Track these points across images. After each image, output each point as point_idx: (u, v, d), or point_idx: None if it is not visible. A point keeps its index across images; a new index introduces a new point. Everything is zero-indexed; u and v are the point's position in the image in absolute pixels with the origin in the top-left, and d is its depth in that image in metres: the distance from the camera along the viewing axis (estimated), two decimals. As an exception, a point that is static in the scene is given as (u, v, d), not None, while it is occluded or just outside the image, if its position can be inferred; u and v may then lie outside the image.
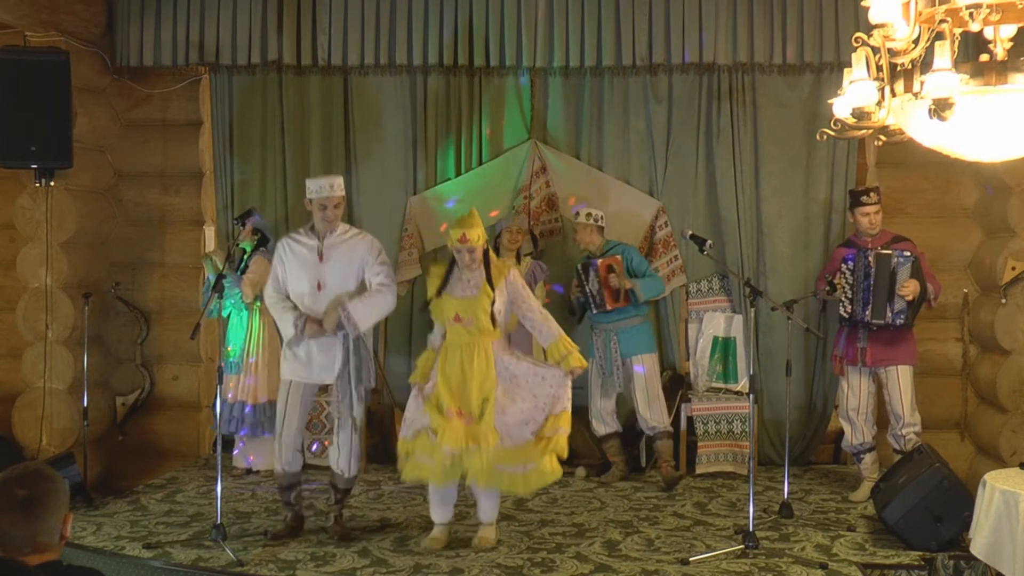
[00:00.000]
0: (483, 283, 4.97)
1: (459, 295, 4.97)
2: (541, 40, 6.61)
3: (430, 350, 5.16)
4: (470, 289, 4.97)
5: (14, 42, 6.41)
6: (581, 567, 4.74)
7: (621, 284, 6.21)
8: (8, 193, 6.68)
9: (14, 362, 6.69)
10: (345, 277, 5.10)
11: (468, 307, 4.93)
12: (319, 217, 5.11)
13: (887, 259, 5.68)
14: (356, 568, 4.73)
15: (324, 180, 5.17)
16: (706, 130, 6.89)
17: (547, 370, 4.99)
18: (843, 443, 6.11)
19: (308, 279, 5.10)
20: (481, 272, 5.00)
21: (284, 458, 5.21)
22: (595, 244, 6.35)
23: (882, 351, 5.78)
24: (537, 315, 5.07)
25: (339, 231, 5.17)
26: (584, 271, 6.29)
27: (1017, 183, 6.26)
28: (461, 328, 4.95)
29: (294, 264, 5.15)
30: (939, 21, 3.21)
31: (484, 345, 4.93)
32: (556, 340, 5.02)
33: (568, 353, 4.97)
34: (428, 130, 6.97)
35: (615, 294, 6.22)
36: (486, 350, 4.93)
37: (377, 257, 5.15)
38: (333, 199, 5.11)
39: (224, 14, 6.72)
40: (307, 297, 5.10)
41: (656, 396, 6.36)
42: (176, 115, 7.14)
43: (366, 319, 5.08)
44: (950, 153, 3.46)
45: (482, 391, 4.87)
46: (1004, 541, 3.98)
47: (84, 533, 5.31)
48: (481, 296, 4.93)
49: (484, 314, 4.91)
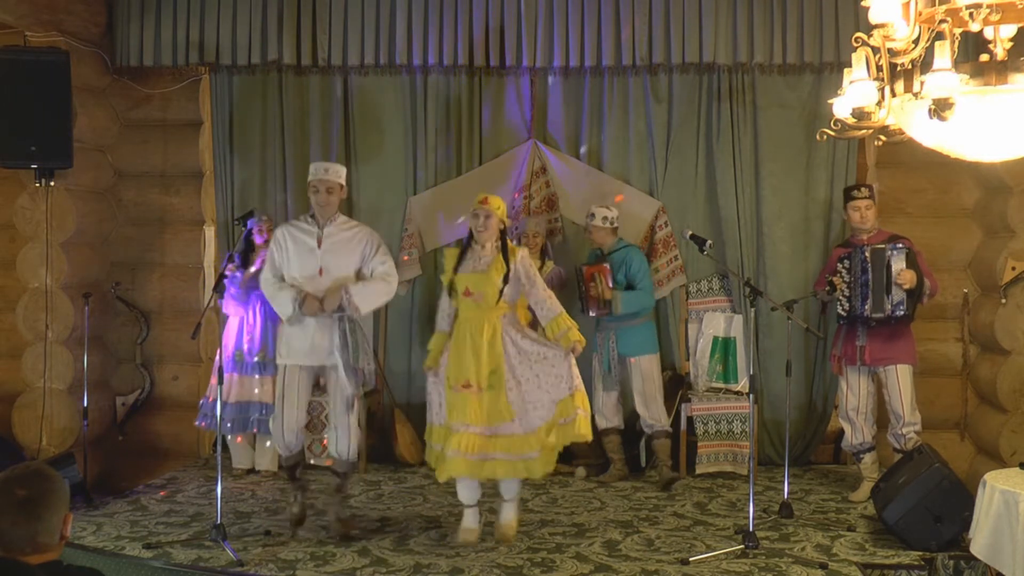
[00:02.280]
0: (494, 259, 5.10)
1: (470, 270, 5.12)
2: (541, 40, 6.61)
3: (439, 332, 5.27)
4: (481, 265, 5.12)
5: (14, 42, 6.41)
6: (581, 567, 4.74)
7: (601, 294, 6.22)
8: (8, 193, 6.68)
9: (14, 362, 6.69)
10: (345, 265, 5.17)
11: (478, 282, 5.07)
12: (314, 200, 5.22)
13: (881, 252, 5.69)
14: (356, 568, 4.73)
15: (327, 164, 5.36)
16: (706, 130, 6.89)
17: (549, 349, 5.09)
18: (843, 443, 6.11)
19: (308, 264, 5.17)
20: (492, 249, 5.14)
21: (285, 439, 5.25)
22: (608, 244, 6.40)
23: (881, 350, 5.77)
24: (541, 292, 5.19)
25: (339, 221, 5.26)
26: (577, 274, 6.34)
27: (1017, 183, 6.26)
28: (471, 302, 5.08)
29: (292, 250, 5.22)
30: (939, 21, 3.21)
31: (492, 319, 5.06)
32: (556, 316, 5.13)
33: (567, 329, 5.07)
34: (428, 130, 6.97)
35: (597, 303, 6.25)
36: (494, 324, 5.06)
37: (378, 249, 5.25)
38: (326, 183, 5.20)
39: (224, 14, 6.72)
40: (309, 283, 5.15)
41: (653, 396, 6.37)
42: (176, 115, 7.14)
43: (367, 302, 5.16)
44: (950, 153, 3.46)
45: (490, 362, 4.99)
46: (1004, 541, 3.98)
47: (84, 533, 5.31)
48: (491, 271, 5.08)
49: (493, 289, 5.05)
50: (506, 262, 5.09)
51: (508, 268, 5.08)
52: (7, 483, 2.45)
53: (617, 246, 6.41)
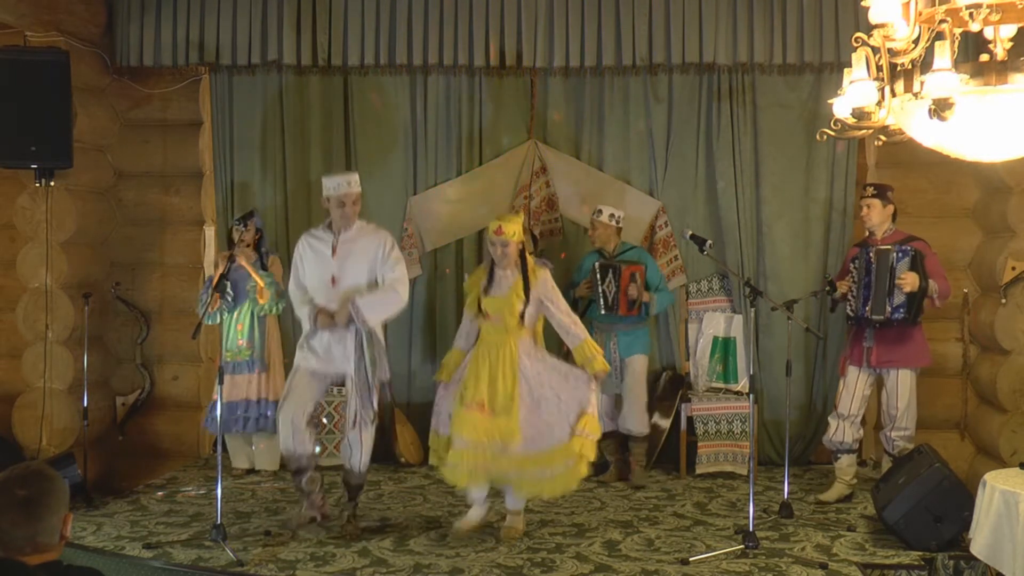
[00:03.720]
0: (514, 283, 5.10)
1: (492, 294, 5.12)
2: (541, 40, 6.61)
3: (456, 349, 5.31)
4: (502, 289, 5.11)
5: (14, 42, 6.41)
6: (581, 567, 4.74)
7: (640, 295, 6.23)
8: (8, 193, 6.68)
9: (14, 362, 6.69)
10: (357, 273, 5.19)
11: (498, 306, 5.07)
12: (337, 214, 5.22)
13: (886, 254, 5.68)
14: (356, 568, 4.73)
15: (341, 178, 5.29)
16: (706, 130, 6.89)
17: (571, 370, 5.11)
18: (824, 437, 6.06)
19: (323, 274, 5.21)
20: (513, 272, 5.12)
21: (283, 435, 5.21)
22: (612, 244, 6.39)
23: (887, 352, 5.75)
24: (565, 317, 5.20)
25: (356, 227, 5.27)
26: (603, 271, 6.30)
27: (1017, 183, 6.25)
28: (491, 326, 5.11)
29: (311, 259, 5.28)
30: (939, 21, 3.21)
31: (510, 343, 5.06)
32: (582, 342, 5.15)
33: (593, 357, 5.09)
34: (428, 130, 6.97)
35: (630, 303, 6.25)
36: (511, 348, 5.05)
37: (390, 252, 5.23)
38: (351, 195, 5.22)
39: (224, 14, 6.72)
40: (322, 291, 5.21)
41: (639, 396, 6.36)
42: (176, 115, 7.13)
43: (375, 314, 5.15)
44: (950, 153, 3.46)
45: (507, 388, 4.98)
46: (1004, 541, 3.98)
47: (84, 533, 5.31)
48: (510, 295, 5.07)
49: (511, 314, 5.05)
50: (526, 285, 5.09)
51: (527, 292, 5.07)
52: (7, 483, 2.45)
53: (624, 248, 6.41)
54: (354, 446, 5.20)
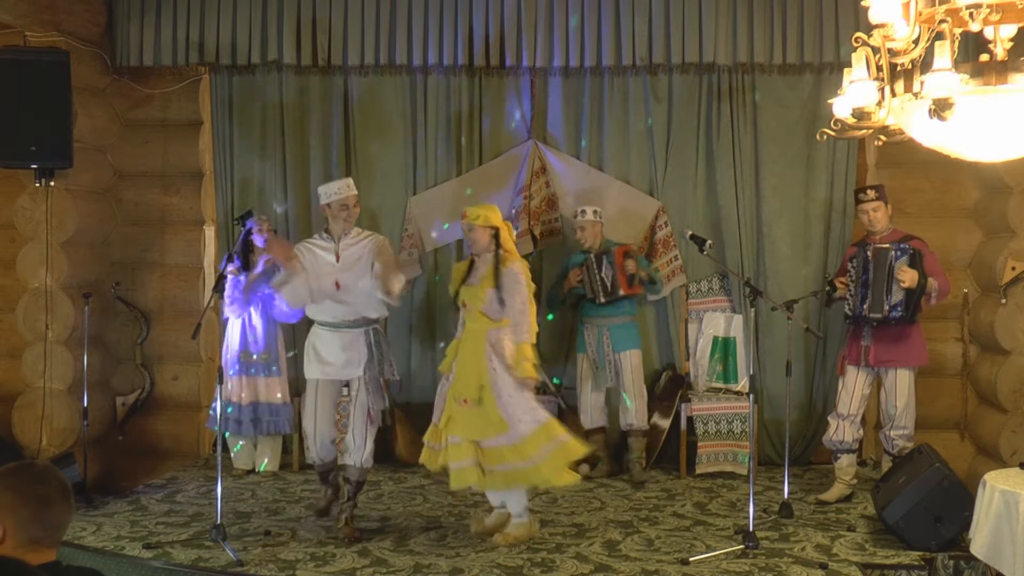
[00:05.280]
0: (486, 272, 5.08)
1: (469, 283, 5.16)
2: (541, 40, 6.61)
3: (455, 340, 5.32)
4: (476, 278, 5.14)
5: (14, 42, 6.40)
6: (581, 567, 4.74)
7: (638, 271, 6.28)
8: (8, 193, 6.68)
9: (14, 362, 6.69)
10: (360, 275, 5.24)
11: (471, 295, 5.11)
12: (341, 218, 5.26)
13: (884, 252, 5.68)
14: (356, 568, 4.74)
15: (339, 183, 5.37)
16: (706, 130, 6.89)
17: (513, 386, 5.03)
18: (824, 437, 6.06)
19: (327, 280, 5.23)
20: (486, 260, 5.12)
21: (320, 452, 5.37)
22: (598, 241, 6.44)
23: (886, 351, 5.76)
24: (516, 315, 5.07)
25: (352, 233, 5.32)
26: (598, 260, 6.34)
27: (1017, 183, 6.25)
28: (467, 315, 5.16)
29: (313, 265, 5.28)
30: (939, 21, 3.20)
31: (479, 332, 5.06)
32: (520, 344, 5.06)
33: (523, 360, 5.02)
34: (428, 130, 6.98)
35: (630, 279, 6.30)
36: (480, 337, 5.05)
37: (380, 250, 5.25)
38: (352, 198, 5.30)
39: (224, 14, 6.72)
40: (329, 296, 5.23)
41: (641, 390, 6.43)
42: (176, 115, 7.13)
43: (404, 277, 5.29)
44: (950, 153, 3.46)
45: (479, 377, 4.99)
46: (1004, 541, 3.98)
47: (84, 533, 5.32)
48: (481, 284, 5.08)
49: (479, 303, 5.06)
50: (497, 274, 5.06)
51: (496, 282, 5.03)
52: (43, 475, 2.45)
53: (607, 244, 6.44)
54: (358, 440, 5.23)
